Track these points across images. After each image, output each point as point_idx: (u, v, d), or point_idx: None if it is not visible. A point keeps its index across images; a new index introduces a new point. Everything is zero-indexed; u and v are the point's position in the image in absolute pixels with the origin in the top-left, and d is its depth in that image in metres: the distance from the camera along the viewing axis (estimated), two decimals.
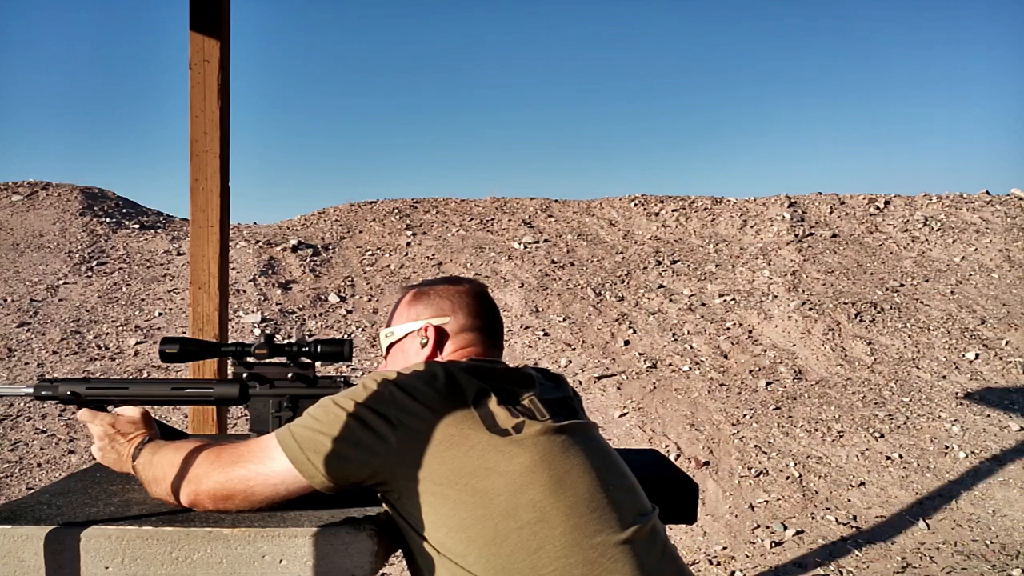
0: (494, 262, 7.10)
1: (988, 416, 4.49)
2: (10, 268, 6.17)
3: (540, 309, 6.15)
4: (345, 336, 4.77)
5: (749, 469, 3.89)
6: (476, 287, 1.25)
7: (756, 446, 4.12)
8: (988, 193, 8.68)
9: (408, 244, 7.55)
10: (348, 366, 4.89)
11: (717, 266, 7.08)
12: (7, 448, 3.68)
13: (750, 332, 5.76)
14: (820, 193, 8.80)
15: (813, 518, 3.47)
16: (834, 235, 7.76)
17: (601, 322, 5.94)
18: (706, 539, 3.33)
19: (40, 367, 4.60)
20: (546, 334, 5.71)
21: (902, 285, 6.57)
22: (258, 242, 7.13)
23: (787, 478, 3.82)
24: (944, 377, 5.06)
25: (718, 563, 3.12)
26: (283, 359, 1.27)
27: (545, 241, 7.68)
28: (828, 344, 5.51)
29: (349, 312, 6.03)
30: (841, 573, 3.02)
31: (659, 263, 7.16)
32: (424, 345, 1.18)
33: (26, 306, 5.48)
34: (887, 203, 8.42)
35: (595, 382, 4.98)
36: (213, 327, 2.26)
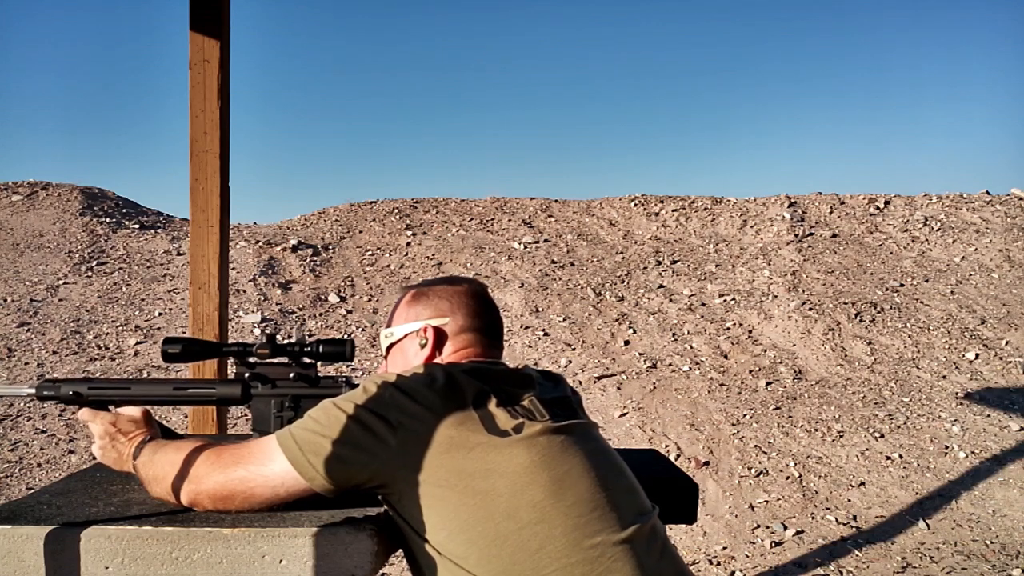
0: (494, 262, 7.10)
1: (988, 416, 4.49)
2: (10, 268, 6.17)
3: (540, 309, 6.15)
4: (345, 336, 4.77)
5: (749, 469, 3.90)
6: (475, 287, 1.25)
7: (756, 446, 4.12)
8: (988, 193, 8.67)
9: (408, 244, 7.55)
10: (349, 366, 4.90)
11: (717, 266, 7.07)
12: (7, 448, 3.68)
13: (750, 332, 5.76)
14: (820, 193, 8.79)
15: (813, 518, 3.47)
16: (834, 235, 7.75)
17: (601, 322, 5.94)
18: (706, 539, 3.33)
19: (40, 367, 4.60)
20: (546, 334, 5.71)
21: (902, 285, 6.57)
22: (258, 242, 7.13)
23: (787, 478, 3.82)
24: (944, 377, 5.06)
25: (718, 563, 3.12)
26: (285, 359, 1.27)
27: (545, 241, 7.67)
28: (828, 344, 5.51)
29: (349, 312, 6.03)
30: (841, 573, 3.02)
31: (659, 263, 7.16)
32: (423, 346, 1.18)
33: (26, 306, 5.48)
34: (887, 203, 8.42)
35: (595, 382, 4.98)
36: (213, 327, 2.26)
